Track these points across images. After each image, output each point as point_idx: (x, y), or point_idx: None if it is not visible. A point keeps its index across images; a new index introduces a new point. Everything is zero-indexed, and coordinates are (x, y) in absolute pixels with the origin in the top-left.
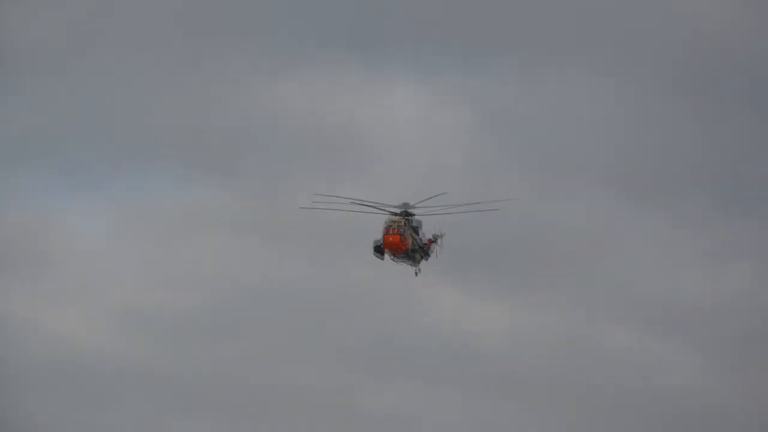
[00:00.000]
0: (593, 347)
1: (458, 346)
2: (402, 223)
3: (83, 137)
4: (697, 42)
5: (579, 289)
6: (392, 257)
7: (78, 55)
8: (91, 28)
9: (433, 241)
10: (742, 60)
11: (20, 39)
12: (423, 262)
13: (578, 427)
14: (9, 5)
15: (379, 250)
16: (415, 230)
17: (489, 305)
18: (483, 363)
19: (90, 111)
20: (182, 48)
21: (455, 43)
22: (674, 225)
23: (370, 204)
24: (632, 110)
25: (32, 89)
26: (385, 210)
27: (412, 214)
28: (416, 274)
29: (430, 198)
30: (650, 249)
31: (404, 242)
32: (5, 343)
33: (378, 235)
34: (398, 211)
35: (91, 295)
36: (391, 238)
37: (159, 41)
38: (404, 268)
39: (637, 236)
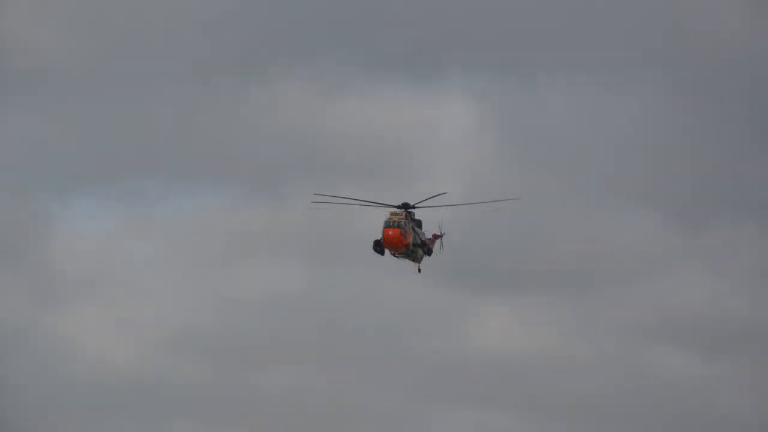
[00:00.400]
0: (596, 351)
1: (458, 349)
2: (402, 221)
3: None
4: (700, 44)
5: (580, 292)
6: (393, 254)
7: (116, 77)
8: (128, 51)
9: (438, 237)
10: (746, 62)
11: (57, 57)
12: (425, 259)
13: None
14: (46, 24)
15: (379, 246)
16: (417, 225)
17: (487, 306)
18: (482, 366)
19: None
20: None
21: (460, 47)
22: (669, 225)
23: (369, 203)
24: (635, 111)
25: (68, 110)
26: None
27: (412, 213)
28: (418, 271)
29: (430, 198)
30: (652, 251)
31: (405, 237)
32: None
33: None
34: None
35: (112, 308)
36: (391, 234)
37: (216, 60)
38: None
39: (638, 238)
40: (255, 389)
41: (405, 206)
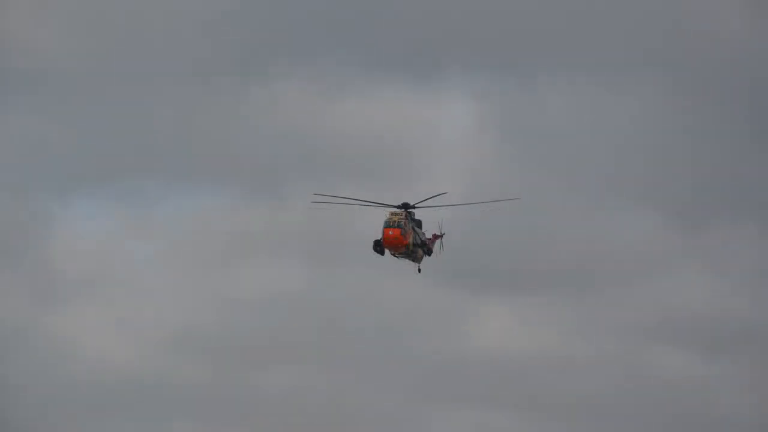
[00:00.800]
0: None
1: (458, 349)
2: (402, 221)
3: (120, 158)
4: (699, 44)
5: (580, 294)
6: (393, 254)
7: (116, 77)
8: (128, 51)
9: (438, 237)
10: (746, 62)
11: (57, 57)
12: (425, 259)
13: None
14: (45, 24)
15: (379, 246)
16: (417, 225)
17: (487, 307)
18: (482, 366)
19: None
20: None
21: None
22: (669, 225)
23: (369, 203)
24: (635, 111)
25: (68, 110)
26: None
27: (412, 212)
28: (418, 271)
29: (430, 198)
30: (651, 252)
31: (405, 237)
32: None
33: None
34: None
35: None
36: (391, 234)
37: (213, 61)
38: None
39: (638, 238)
40: (255, 389)
41: (405, 206)
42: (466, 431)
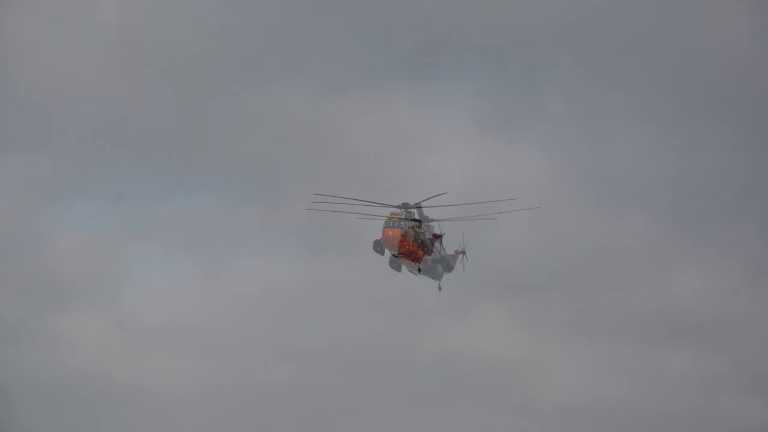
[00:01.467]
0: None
1: (461, 351)
2: (403, 221)
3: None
4: (700, 44)
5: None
6: (393, 253)
7: (128, 80)
8: (141, 55)
9: (460, 252)
10: (746, 62)
11: (64, 62)
12: (446, 276)
13: None
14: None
15: (379, 246)
16: (419, 224)
17: (487, 307)
18: (482, 366)
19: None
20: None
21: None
22: (669, 225)
23: (369, 203)
24: (635, 110)
25: (68, 110)
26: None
27: (414, 213)
28: (439, 288)
29: (430, 198)
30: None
31: (405, 238)
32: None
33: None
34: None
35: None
36: (391, 234)
37: (215, 65)
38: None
39: (638, 239)
40: (255, 389)
41: (405, 206)
42: (465, 431)
